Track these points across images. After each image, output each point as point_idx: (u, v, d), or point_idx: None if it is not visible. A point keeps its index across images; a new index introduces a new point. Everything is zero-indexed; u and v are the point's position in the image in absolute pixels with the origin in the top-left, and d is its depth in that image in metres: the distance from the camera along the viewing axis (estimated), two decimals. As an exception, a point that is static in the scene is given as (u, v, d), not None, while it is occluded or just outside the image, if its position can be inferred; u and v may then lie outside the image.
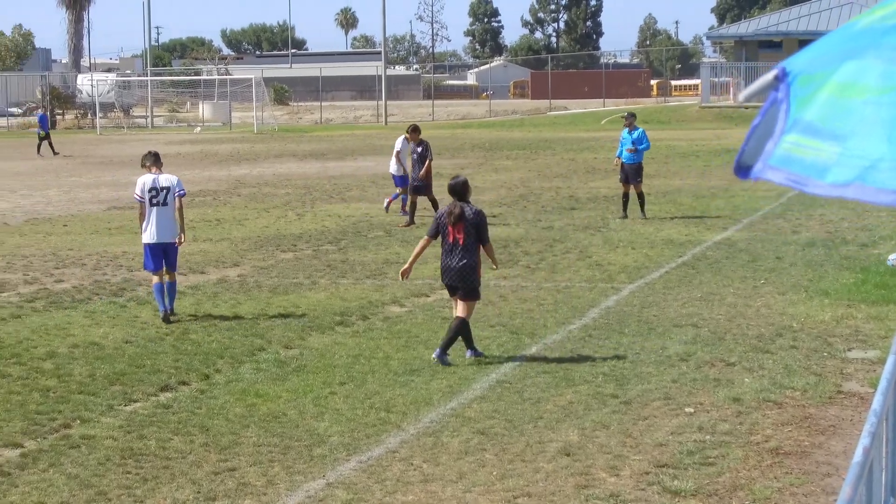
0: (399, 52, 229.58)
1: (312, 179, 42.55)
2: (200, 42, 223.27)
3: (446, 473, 10.58)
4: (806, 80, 4.15)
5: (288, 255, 23.94)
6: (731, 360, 14.54)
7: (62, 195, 38.14)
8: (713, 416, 12.15)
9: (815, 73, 4.15)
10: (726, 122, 76.90)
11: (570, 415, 12.27)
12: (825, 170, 4.01)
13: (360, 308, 18.20)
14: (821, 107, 4.07)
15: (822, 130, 4.03)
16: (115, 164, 51.94)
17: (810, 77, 4.14)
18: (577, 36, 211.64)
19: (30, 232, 28.36)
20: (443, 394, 13.15)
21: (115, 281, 21.02)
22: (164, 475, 10.58)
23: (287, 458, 11.02)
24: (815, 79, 4.13)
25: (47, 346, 15.77)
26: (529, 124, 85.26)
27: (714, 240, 25.05)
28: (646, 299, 18.52)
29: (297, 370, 14.34)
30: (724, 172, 41.56)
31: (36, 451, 11.29)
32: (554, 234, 26.51)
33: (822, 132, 4.04)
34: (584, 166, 46.45)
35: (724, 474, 10.44)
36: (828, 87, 4.09)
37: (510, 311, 17.84)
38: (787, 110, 4.13)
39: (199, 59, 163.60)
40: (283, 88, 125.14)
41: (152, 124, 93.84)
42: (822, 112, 4.06)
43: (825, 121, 4.05)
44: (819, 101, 4.08)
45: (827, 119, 4.05)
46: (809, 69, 4.18)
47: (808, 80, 4.14)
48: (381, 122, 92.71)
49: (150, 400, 13.06)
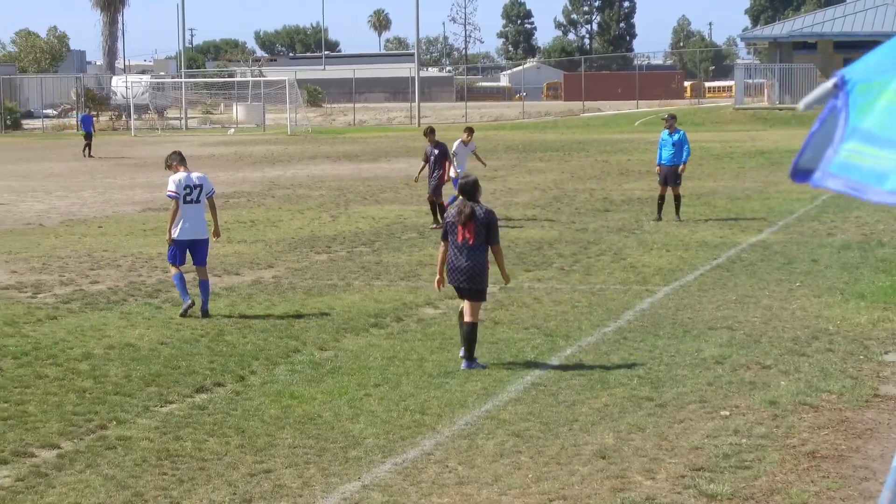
0: (432, 54, 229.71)
1: (346, 181, 42.61)
2: (234, 44, 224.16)
3: (482, 476, 10.57)
4: (865, 88, 4.13)
5: (322, 257, 23.98)
6: (767, 362, 14.49)
7: (97, 197, 38.30)
8: (749, 420, 12.10)
9: (873, 81, 4.14)
10: (761, 123, 76.68)
11: (606, 417, 12.25)
12: (884, 177, 4.00)
13: (395, 310, 18.22)
14: (880, 114, 4.05)
15: (881, 138, 4.02)
16: (150, 166, 52.09)
17: (869, 85, 4.12)
18: (611, 37, 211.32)
19: (65, 233, 28.48)
20: (477, 396, 13.14)
21: (151, 282, 21.09)
22: (200, 476, 10.61)
23: (322, 459, 11.03)
24: (873, 87, 4.12)
25: (83, 347, 15.84)
26: (563, 126, 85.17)
27: (749, 242, 24.97)
28: (680, 302, 18.47)
29: (331, 372, 14.36)
30: (759, 174, 41.45)
31: (73, 451, 11.33)
32: (588, 236, 26.47)
33: (880, 140, 4.03)
34: (617, 168, 46.37)
35: (761, 478, 10.39)
36: (886, 94, 4.08)
37: (544, 313, 17.82)
38: (847, 118, 4.13)
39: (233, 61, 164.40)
40: (316, 90, 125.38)
41: (186, 126, 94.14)
42: (881, 120, 4.04)
43: (884, 128, 4.04)
44: (878, 108, 4.07)
45: (886, 127, 4.04)
46: (868, 77, 4.16)
47: (867, 88, 4.12)
48: (414, 123, 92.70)
49: (186, 401, 13.09)
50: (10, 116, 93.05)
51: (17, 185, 43.13)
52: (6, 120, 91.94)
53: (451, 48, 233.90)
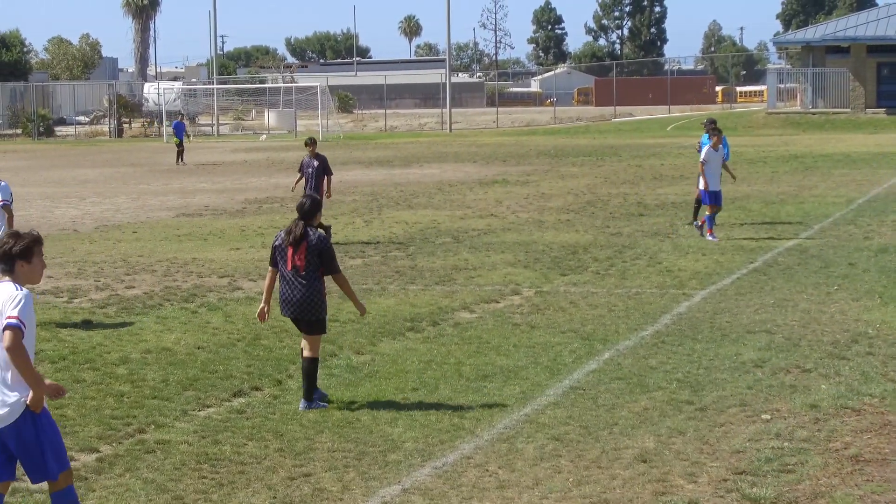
0: (463, 60, 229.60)
1: (379, 186, 42.60)
2: (265, 50, 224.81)
3: (522, 479, 10.51)
4: None
5: (357, 262, 23.95)
6: (807, 366, 14.38)
7: (131, 202, 38.39)
8: (790, 423, 12.01)
9: None
10: (793, 128, 76.38)
11: (646, 421, 12.17)
12: None
13: (431, 314, 18.17)
14: None
15: None
16: (183, 172, 52.22)
17: None
18: (642, 43, 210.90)
19: (100, 239, 28.54)
20: (516, 400, 13.08)
21: (186, 287, 21.10)
22: (239, 480, 10.58)
23: (362, 463, 10.99)
24: None
25: (120, 351, 15.84)
26: (594, 131, 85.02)
27: (785, 246, 24.83)
28: (718, 305, 18.37)
29: (369, 376, 14.32)
30: (793, 178, 41.27)
31: (112, 455, 11.32)
32: (623, 240, 26.38)
33: None
34: (651, 173, 46.24)
35: (804, 482, 10.30)
36: None
37: (581, 317, 17.75)
38: None
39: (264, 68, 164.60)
40: (347, 96, 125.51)
41: (218, 132, 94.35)
42: None
43: None
44: None
45: None
46: None
47: None
48: (445, 129, 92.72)
49: (224, 405, 13.08)
50: (42, 123, 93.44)
51: (52, 191, 43.28)
52: (39, 127, 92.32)
53: (481, 54, 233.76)
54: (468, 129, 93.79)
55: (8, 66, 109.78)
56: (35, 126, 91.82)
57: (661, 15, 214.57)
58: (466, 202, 36.03)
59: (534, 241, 26.34)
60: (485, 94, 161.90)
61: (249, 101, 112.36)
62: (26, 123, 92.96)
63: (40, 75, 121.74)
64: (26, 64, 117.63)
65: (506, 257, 24.01)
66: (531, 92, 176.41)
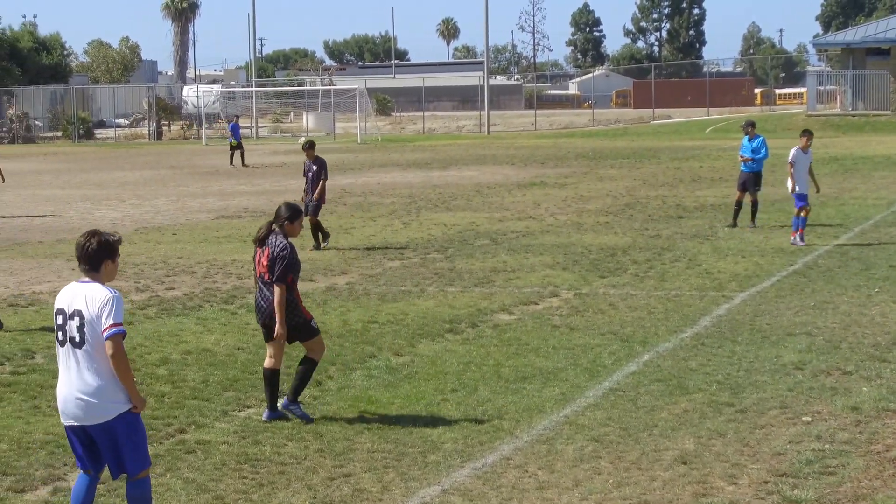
0: (500, 62, 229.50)
1: (417, 189, 42.64)
2: (303, 53, 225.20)
3: (562, 481, 10.50)
4: None
5: (395, 263, 23.97)
6: (848, 368, 14.32)
7: (170, 204, 38.54)
8: (831, 425, 11.95)
9: None
10: (833, 130, 75.99)
11: (686, 423, 12.14)
12: None
13: (469, 315, 18.17)
14: None
15: None
16: (222, 174, 52.40)
17: None
18: (680, 45, 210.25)
19: (139, 241, 28.66)
20: (555, 401, 13.07)
21: (226, 288, 21.17)
22: (279, 480, 10.61)
23: (401, 464, 11.00)
24: None
25: (160, 352, 15.91)
26: (633, 133, 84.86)
27: (825, 248, 24.72)
28: (758, 308, 18.30)
29: (408, 377, 14.33)
30: (833, 181, 41.06)
31: (153, 455, 11.30)
32: (662, 242, 26.32)
33: None
34: (689, 175, 46.11)
35: (845, 484, 10.26)
36: None
37: (620, 319, 17.72)
38: None
39: (303, 70, 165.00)
40: (385, 99, 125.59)
41: (257, 135, 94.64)
42: None
43: None
44: None
45: None
46: None
47: None
48: (483, 131, 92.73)
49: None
50: (83, 126, 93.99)
51: (92, 193, 43.50)
52: (79, 129, 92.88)
53: (519, 56, 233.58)
54: (506, 132, 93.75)
55: (49, 70, 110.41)
56: (75, 129, 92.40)
57: (699, 17, 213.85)
58: (505, 204, 36.02)
59: (572, 244, 26.31)
60: (523, 96, 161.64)
61: (288, 104, 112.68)
62: (66, 126, 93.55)
63: (80, 78, 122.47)
64: (66, 67, 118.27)
65: (544, 259, 24.00)
66: (569, 94, 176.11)
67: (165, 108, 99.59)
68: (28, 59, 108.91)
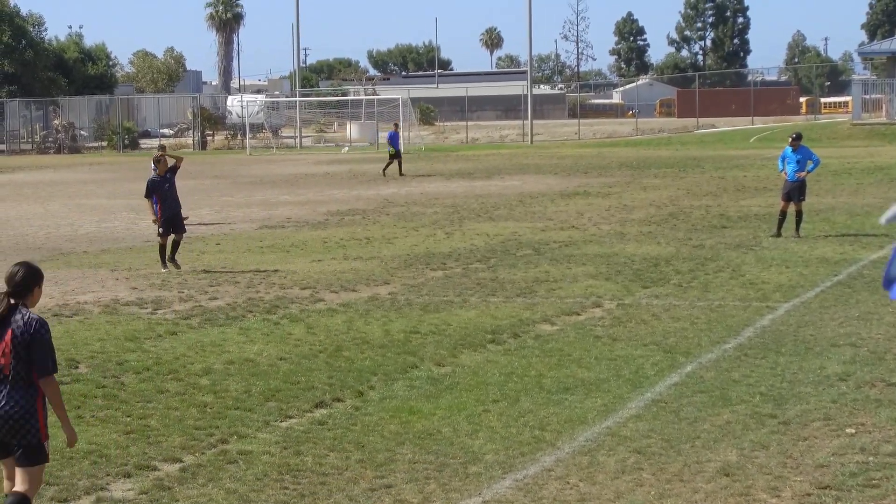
0: (544, 72, 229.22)
1: (460, 198, 42.64)
2: (347, 63, 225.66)
3: (603, 493, 10.47)
4: None
5: (438, 274, 23.97)
6: (893, 380, 14.22)
7: (214, 214, 38.69)
8: (876, 438, 11.87)
9: None
10: (879, 139, 75.55)
11: (728, 435, 12.08)
12: None
13: (511, 326, 18.15)
14: None
15: None
16: (266, 184, 52.55)
17: None
18: (724, 54, 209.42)
19: (183, 250, 28.69)
20: (597, 413, 13.03)
21: (268, 298, 21.22)
22: (321, 491, 10.62)
23: (443, 475, 11.00)
24: None
25: (203, 362, 15.96)
26: (677, 142, 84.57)
27: (870, 258, 24.57)
28: (802, 318, 18.21)
29: (449, 388, 14.32)
30: (878, 190, 40.84)
31: (195, 465, 11.40)
32: (705, 252, 26.22)
33: None
34: (733, 184, 45.93)
35: (890, 496, 10.18)
36: None
37: (663, 329, 17.66)
38: None
39: (347, 80, 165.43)
40: (429, 108, 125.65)
41: (301, 144, 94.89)
42: None
43: None
44: None
45: None
46: None
47: None
48: (526, 141, 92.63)
49: (305, 416, 13.13)
50: (128, 136, 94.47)
51: (136, 203, 43.63)
52: (124, 139, 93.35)
53: (563, 65, 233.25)
54: (549, 141, 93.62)
55: (94, 80, 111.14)
56: (120, 138, 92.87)
57: (744, 25, 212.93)
58: (547, 214, 35.98)
59: (615, 254, 26.25)
60: (566, 105, 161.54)
61: (331, 114, 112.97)
62: (112, 136, 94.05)
63: (125, 88, 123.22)
64: (112, 77, 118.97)
65: (587, 269, 23.95)
66: (613, 103, 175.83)
67: (210, 118, 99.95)
68: (74, 70, 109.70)
